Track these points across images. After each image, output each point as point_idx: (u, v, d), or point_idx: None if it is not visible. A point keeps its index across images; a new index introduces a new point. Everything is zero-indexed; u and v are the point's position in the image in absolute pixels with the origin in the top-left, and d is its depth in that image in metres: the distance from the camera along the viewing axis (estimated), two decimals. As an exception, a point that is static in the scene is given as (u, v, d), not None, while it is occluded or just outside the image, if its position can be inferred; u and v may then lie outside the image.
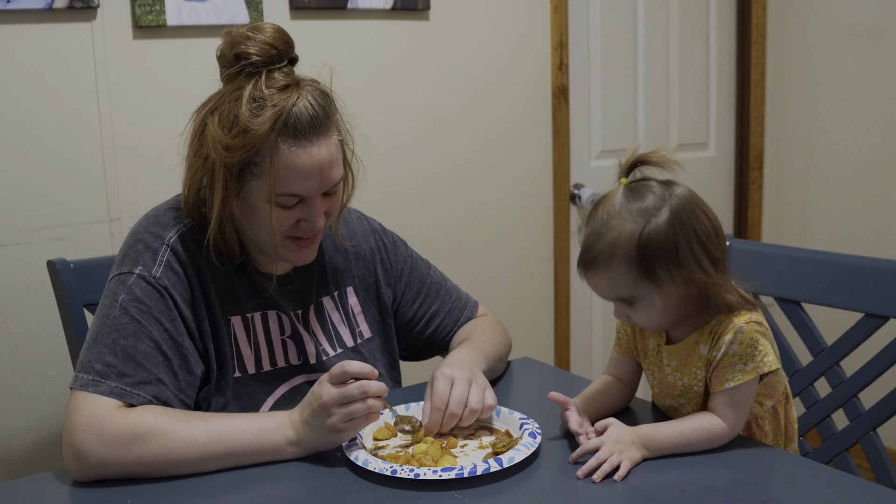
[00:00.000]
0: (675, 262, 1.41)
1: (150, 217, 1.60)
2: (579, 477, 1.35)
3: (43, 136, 2.17)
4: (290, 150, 1.47)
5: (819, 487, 1.33)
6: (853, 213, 3.29)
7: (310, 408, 1.42)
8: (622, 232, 1.41)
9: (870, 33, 3.16)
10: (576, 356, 3.23)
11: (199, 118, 1.52)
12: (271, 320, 1.63)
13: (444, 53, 2.77)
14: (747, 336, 1.43)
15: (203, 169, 1.51)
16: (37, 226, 2.18)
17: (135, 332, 1.46)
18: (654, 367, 1.57)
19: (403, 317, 1.84)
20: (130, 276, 1.50)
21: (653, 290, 1.42)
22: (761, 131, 3.52)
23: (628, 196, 1.44)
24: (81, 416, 1.39)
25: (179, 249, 1.53)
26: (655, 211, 1.41)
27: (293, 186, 1.49)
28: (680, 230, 1.41)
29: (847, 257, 1.83)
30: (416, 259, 1.88)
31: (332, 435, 1.41)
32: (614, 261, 1.41)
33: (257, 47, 1.47)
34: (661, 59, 3.31)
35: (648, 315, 1.46)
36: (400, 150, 2.73)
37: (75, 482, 1.39)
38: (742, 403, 1.44)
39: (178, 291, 1.51)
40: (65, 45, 2.17)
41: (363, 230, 1.82)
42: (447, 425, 1.50)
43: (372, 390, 1.39)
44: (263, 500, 1.33)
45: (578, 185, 3.14)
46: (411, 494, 1.32)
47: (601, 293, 1.48)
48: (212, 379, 1.55)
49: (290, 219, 1.52)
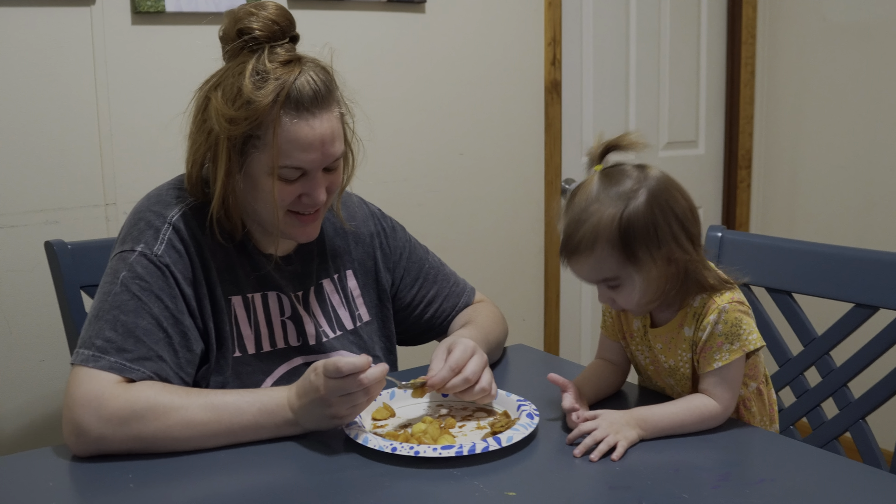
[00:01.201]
0: (656, 242, 1.44)
1: (153, 196, 1.60)
2: (576, 456, 1.37)
3: (40, 120, 2.17)
4: (293, 122, 1.48)
5: (810, 468, 1.35)
6: (839, 211, 3.33)
7: (307, 397, 1.42)
8: (602, 216, 1.43)
9: (857, 35, 3.20)
10: (565, 349, 3.25)
11: (202, 94, 1.54)
12: (271, 301, 1.64)
13: (438, 46, 2.79)
14: (731, 315, 1.46)
15: (206, 144, 1.52)
16: (33, 209, 2.18)
17: (135, 309, 1.47)
18: (643, 347, 1.59)
19: (401, 301, 1.85)
20: (132, 254, 1.51)
21: (635, 272, 1.45)
22: (750, 130, 3.55)
23: (604, 182, 1.46)
24: (81, 391, 1.39)
25: (181, 228, 1.54)
26: (633, 193, 1.44)
27: (295, 159, 1.50)
28: (658, 211, 1.43)
29: (838, 248, 1.85)
30: (415, 244, 1.89)
31: (334, 420, 1.42)
32: (597, 245, 1.44)
33: (260, 23, 1.49)
34: (653, 57, 3.34)
35: (631, 296, 1.48)
36: (394, 142, 2.74)
37: (74, 457, 1.39)
38: (732, 382, 1.47)
39: (180, 269, 1.52)
40: (63, 30, 2.18)
41: (363, 214, 1.83)
42: (454, 388, 1.50)
43: (370, 378, 1.39)
44: (263, 477, 1.34)
45: (569, 180, 3.16)
46: (411, 472, 1.33)
47: (585, 278, 1.51)
48: (211, 358, 1.56)
49: (291, 193, 1.54)
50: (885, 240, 3.11)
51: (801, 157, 3.45)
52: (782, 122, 3.50)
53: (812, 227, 3.41)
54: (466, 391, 1.52)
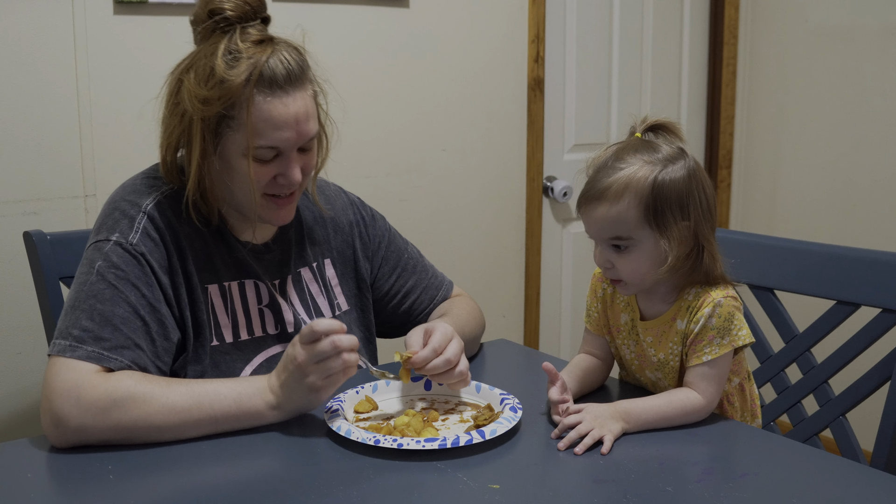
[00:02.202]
0: (684, 213, 1.44)
1: (127, 186, 1.59)
2: (560, 449, 1.36)
3: (20, 110, 2.15)
4: (266, 100, 1.48)
5: (792, 462, 1.35)
6: (819, 211, 3.34)
7: (286, 371, 1.43)
8: (638, 170, 1.43)
9: (839, 37, 3.22)
10: (544, 346, 3.26)
11: (174, 78, 1.53)
12: (248, 289, 1.63)
13: (422, 42, 2.78)
14: (725, 310, 1.46)
15: (180, 126, 1.52)
16: (11, 199, 2.16)
17: (112, 298, 1.45)
18: (629, 341, 1.59)
19: (379, 290, 1.85)
20: (107, 244, 1.50)
21: (650, 236, 1.44)
22: (731, 130, 3.56)
23: (644, 145, 1.47)
24: (59, 381, 1.38)
25: (156, 216, 1.53)
26: (673, 161, 1.45)
27: (269, 138, 1.50)
28: (695, 185, 1.45)
29: (820, 246, 1.86)
30: (394, 234, 1.89)
31: (312, 394, 1.42)
32: (625, 196, 1.43)
33: (231, 3, 1.49)
34: (635, 55, 3.35)
35: (635, 264, 1.47)
36: (376, 137, 2.74)
37: (53, 448, 1.38)
38: (718, 377, 1.47)
39: (156, 258, 1.51)
40: (44, 19, 2.15)
41: (342, 203, 1.83)
42: (435, 368, 1.49)
43: (344, 344, 1.40)
44: (245, 468, 1.33)
45: (551, 178, 3.16)
46: (394, 464, 1.32)
47: (598, 230, 1.48)
48: (188, 347, 1.55)
49: (266, 174, 1.53)
50: (863, 240, 3.13)
51: (781, 157, 3.47)
52: (763, 123, 3.52)
53: (791, 227, 3.43)
54: (445, 373, 1.51)
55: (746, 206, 3.61)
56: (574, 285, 3.31)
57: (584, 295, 1.67)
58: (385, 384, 1.59)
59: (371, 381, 1.59)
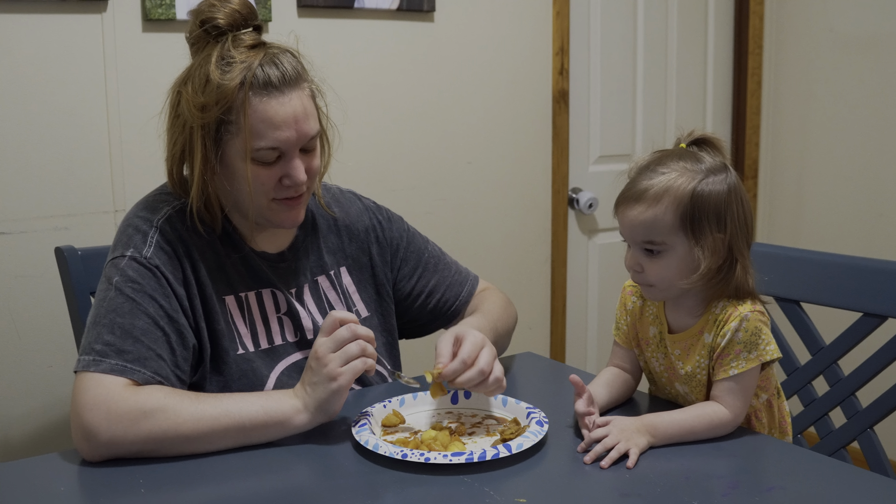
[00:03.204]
0: (721, 224, 1.45)
1: (140, 203, 1.63)
2: (587, 463, 1.36)
3: (51, 126, 2.18)
4: (262, 101, 1.50)
5: (820, 476, 1.35)
6: (845, 222, 3.32)
7: (308, 369, 1.46)
8: (680, 177, 1.45)
9: (864, 46, 3.20)
10: (571, 358, 3.25)
11: (173, 91, 1.57)
12: (266, 298, 1.65)
13: (447, 55, 2.80)
14: (752, 324, 1.46)
15: (182, 137, 1.55)
16: (42, 214, 2.19)
17: (131, 311, 1.48)
18: (658, 354, 1.59)
19: (402, 291, 1.85)
20: (123, 259, 1.53)
21: (684, 243, 1.45)
22: (756, 140, 3.55)
23: (688, 155, 1.48)
24: (88, 395, 1.39)
25: (168, 230, 1.56)
26: (715, 173, 1.46)
27: (269, 138, 1.51)
28: (734, 199, 1.46)
29: (846, 258, 1.85)
30: (413, 233, 1.90)
31: (332, 383, 1.43)
32: (664, 199, 1.44)
33: (222, 12, 1.52)
34: (660, 67, 3.35)
35: (665, 270, 1.47)
36: (402, 150, 2.75)
37: (84, 461, 1.39)
38: (745, 391, 1.47)
39: (170, 270, 1.53)
40: (74, 36, 2.19)
41: (357, 209, 1.84)
42: (469, 381, 1.49)
43: (361, 332, 1.44)
44: (274, 481, 1.34)
45: (576, 189, 3.17)
46: (421, 478, 1.33)
47: (632, 232, 1.48)
48: (205, 357, 1.56)
49: (271, 177, 1.55)
50: (890, 251, 3.11)
51: (807, 167, 3.45)
52: (789, 133, 3.50)
53: (818, 237, 3.41)
54: (480, 384, 1.51)
55: (772, 216, 3.59)
56: (600, 297, 3.31)
57: (610, 307, 1.68)
58: (412, 398, 1.60)
59: (399, 393, 1.59)
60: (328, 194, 1.82)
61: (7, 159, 2.14)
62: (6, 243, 2.15)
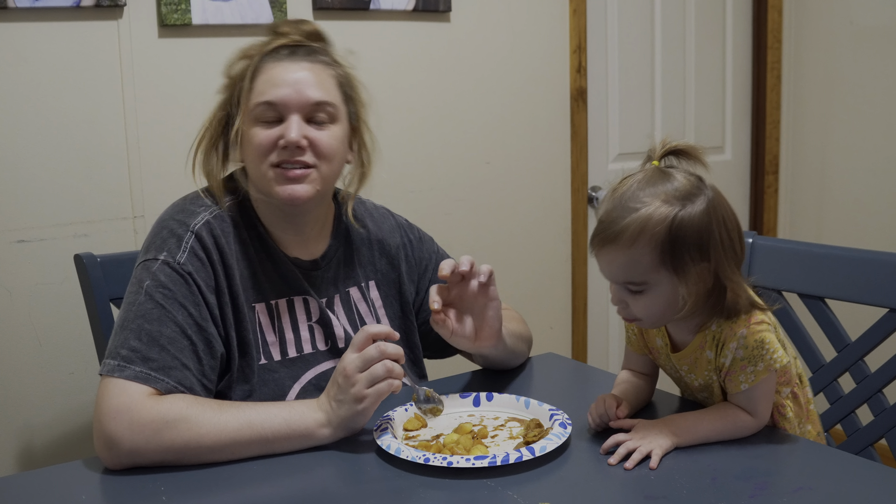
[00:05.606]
0: (704, 254, 1.35)
1: (177, 205, 1.62)
2: (611, 464, 1.35)
3: (69, 133, 2.18)
4: (271, 66, 1.57)
5: (848, 476, 1.33)
6: (868, 216, 3.29)
7: (335, 384, 1.44)
8: (655, 212, 1.34)
9: (885, 38, 3.17)
10: (593, 358, 3.24)
11: None
12: (297, 306, 1.64)
13: (464, 55, 2.78)
14: (751, 339, 1.40)
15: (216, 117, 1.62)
16: (61, 222, 2.19)
17: (159, 318, 1.47)
18: (668, 366, 1.57)
19: (426, 312, 1.84)
20: (155, 263, 1.52)
21: (666, 279, 1.37)
22: (777, 135, 3.53)
23: (660, 177, 1.37)
24: (112, 403, 1.39)
25: (204, 236, 1.55)
26: (692, 197, 1.35)
27: (267, 94, 1.55)
28: (715, 222, 1.36)
29: (871, 253, 1.83)
30: (442, 255, 1.88)
31: (358, 405, 1.42)
32: (640, 240, 1.34)
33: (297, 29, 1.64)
34: (678, 63, 3.33)
35: (650, 306, 1.40)
36: (421, 151, 2.74)
37: (106, 469, 1.39)
38: (764, 396, 1.44)
39: (202, 277, 1.52)
40: (91, 44, 2.19)
41: (389, 226, 1.83)
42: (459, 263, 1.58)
43: (389, 351, 1.42)
44: (295, 488, 1.34)
45: (596, 188, 3.15)
46: (444, 482, 1.32)
47: (611, 273, 1.41)
48: (233, 366, 1.56)
49: (268, 137, 1.56)
50: (915, 244, 3.08)
51: (828, 161, 3.42)
52: (809, 127, 3.47)
53: (841, 231, 3.38)
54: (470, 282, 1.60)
55: (794, 211, 3.56)
56: (621, 295, 3.28)
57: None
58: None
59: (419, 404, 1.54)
60: (362, 208, 1.81)
61: (25, 167, 2.14)
62: (26, 251, 2.16)
